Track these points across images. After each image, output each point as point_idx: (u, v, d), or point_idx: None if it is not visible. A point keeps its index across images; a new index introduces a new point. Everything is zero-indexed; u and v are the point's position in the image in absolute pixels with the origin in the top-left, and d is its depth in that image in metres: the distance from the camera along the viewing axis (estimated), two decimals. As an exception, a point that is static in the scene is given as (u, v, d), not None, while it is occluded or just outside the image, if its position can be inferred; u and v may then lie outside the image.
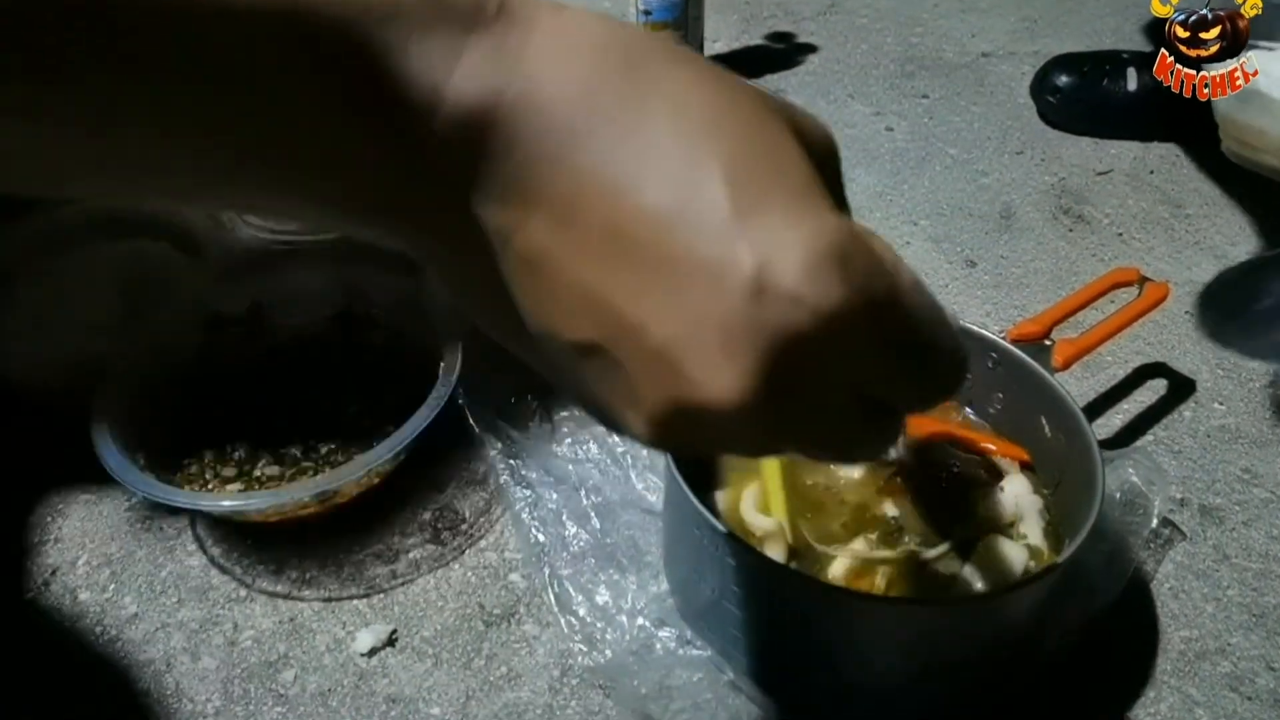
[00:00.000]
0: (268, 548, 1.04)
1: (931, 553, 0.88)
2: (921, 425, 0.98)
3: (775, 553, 0.87)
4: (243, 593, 1.01)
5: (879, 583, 0.85)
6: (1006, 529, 0.90)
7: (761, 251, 0.39)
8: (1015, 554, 0.86)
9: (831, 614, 0.79)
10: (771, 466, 0.95)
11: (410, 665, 0.94)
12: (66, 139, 0.39)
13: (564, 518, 1.02)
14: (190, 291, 1.17)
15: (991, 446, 0.97)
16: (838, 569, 0.86)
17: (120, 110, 0.38)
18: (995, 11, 2.21)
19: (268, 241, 1.31)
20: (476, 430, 1.11)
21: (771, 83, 1.94)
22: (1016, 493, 0.92)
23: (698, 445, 0.44)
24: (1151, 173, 1.66)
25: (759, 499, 0.92)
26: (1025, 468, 0.96)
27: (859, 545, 0.88)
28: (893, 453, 0.96)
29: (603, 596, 0.96)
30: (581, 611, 0.95)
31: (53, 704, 0.92)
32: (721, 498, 0.93)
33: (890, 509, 0.92)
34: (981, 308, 1.37)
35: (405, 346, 1.14)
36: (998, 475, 0.94)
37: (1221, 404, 1.22)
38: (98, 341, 1.10)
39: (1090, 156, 1.71)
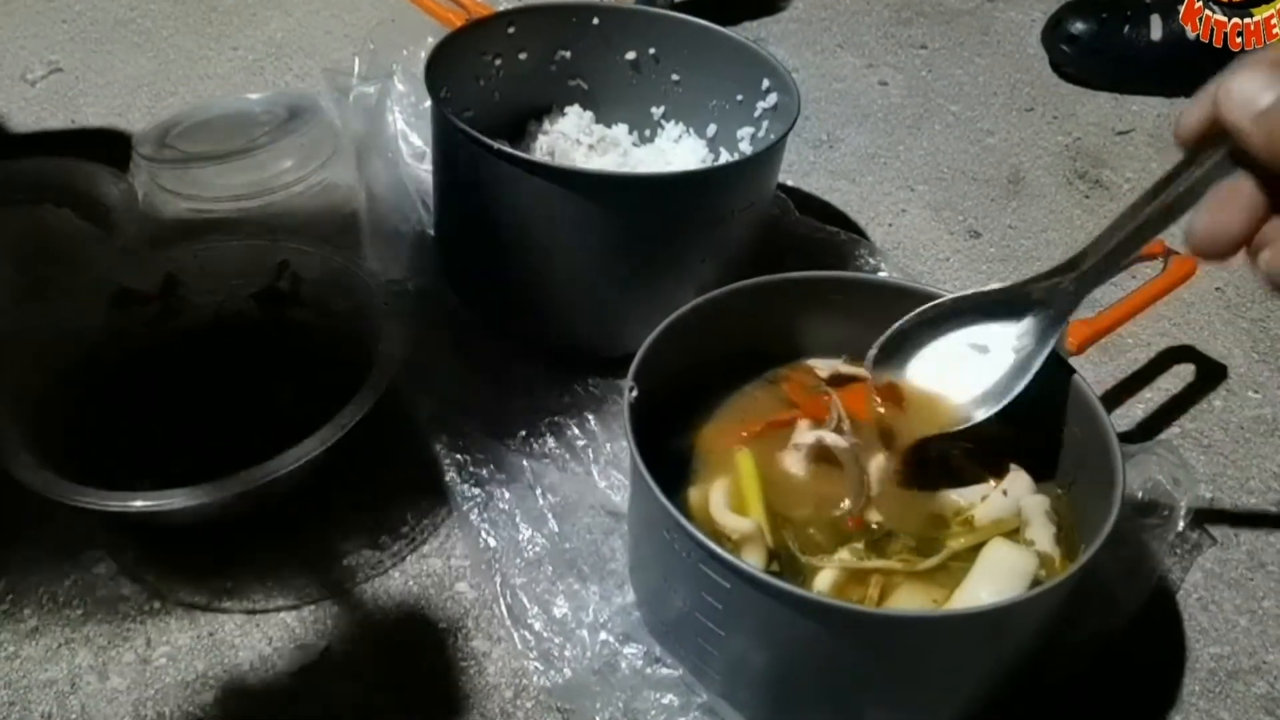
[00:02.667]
0: (185, 553, 1.03)
1: (929, 562, 0.88)
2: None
3: (754, 558, 0.86)
4: (157, 604, 1.00)
5: (871, 594, 0.85)
6: (1012, 534, 0.90)
7: None
8: (1022, 561, 0.86)
9: (818, 628, 0.78)
10: (746, 461, 0.95)
11: (345, 686, 0.94)
12: None
13: (517, 520, 1.02)
14: (97, 265, 1.17)
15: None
16: (824, 581, 0.86)
17: None
18: (1003, -49, 2.21)
19: (183, 209, 1.30)
20: (420, 420, 1.11)
21: (750, 31, 1.94)
22: (1017, 494, 0.92)
23: None
24: (1178, 132, 1.67)
25: (731, 497, 0.92)
26: (1028, 467, 0.95)
27: (846, 555, 0.88)
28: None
29: (561, 608, 0.96)
30: (537, 625, 0.95)
31: (-60, 731, 0.91)
32: (694, 495, 0.92)
33: (875, 514, 0.92)
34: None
35: (338, 326, 1.14)
36: (1000, 473, 0.94)
37: (1256, 392, 1.23)
38: (-9, 321, 1.10)
39: (1109, 114, 1.72)
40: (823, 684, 0.83)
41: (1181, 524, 0.99)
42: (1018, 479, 0.93)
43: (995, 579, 0.84)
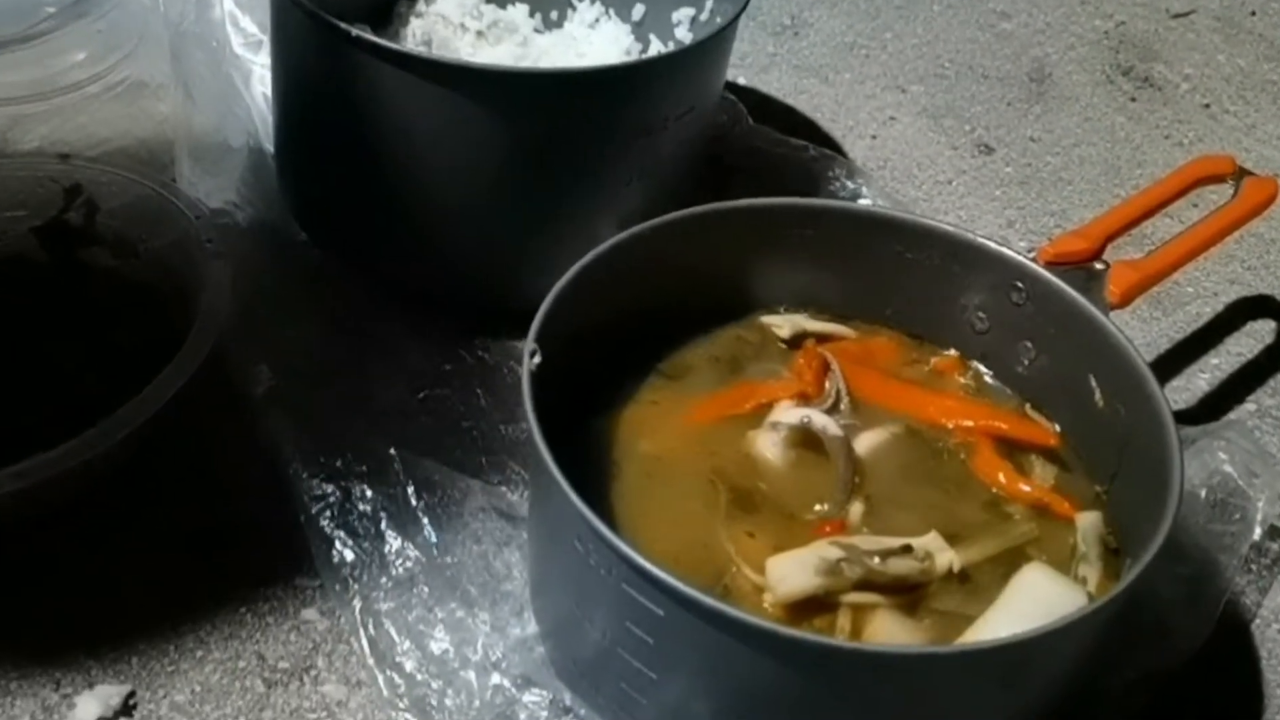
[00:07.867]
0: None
1: (935, 559, 0.87)
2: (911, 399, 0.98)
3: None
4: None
5: (842, 624, 0.85)
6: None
7: None
8: (1063, 596, 0.84)
9: (781, 669, 0.78)
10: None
11: (154, 749, 0.93)
12: None
13: (383, 526, 1.01)
14: None
15: (1002, 426, 0.97)
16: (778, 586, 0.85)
17: None
18: None
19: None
20: (255, 394, 1.10)
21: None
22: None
23: None
24: (1253, 13, 1.67)
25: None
26: (1053, 458, 0.95)
27: (809, 562, 0.87)
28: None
29: (440, 643, 0.95)
30: (409, 665, 0.94)
31: None
32: (617, 494, 0.92)
33: (855, 510, 0.91)
34: (1002, 213, 1.37)
35: (146, 271, 1.13)
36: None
37: (1354, 356, 1.23)
38: None
39: (1162, -11, 1.72)
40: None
41: (1258, 531, 0.99)
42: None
43: (1024, 615, 0.83)
